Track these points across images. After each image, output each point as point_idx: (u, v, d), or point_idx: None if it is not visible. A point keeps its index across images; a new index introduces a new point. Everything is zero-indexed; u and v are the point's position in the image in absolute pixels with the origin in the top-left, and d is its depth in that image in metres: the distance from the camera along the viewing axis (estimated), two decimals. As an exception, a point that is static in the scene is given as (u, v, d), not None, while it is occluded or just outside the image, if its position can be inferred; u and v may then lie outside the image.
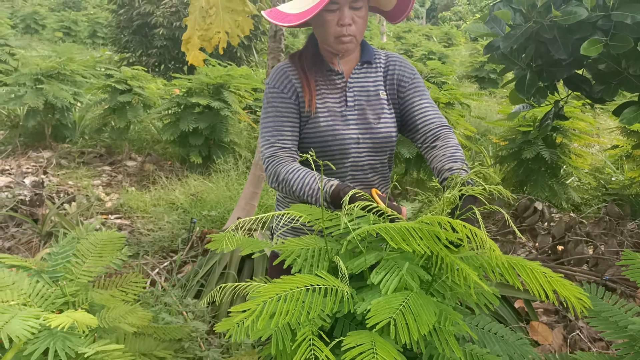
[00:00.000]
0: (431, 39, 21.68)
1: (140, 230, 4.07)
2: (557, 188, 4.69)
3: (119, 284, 1.75)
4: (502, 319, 2.95)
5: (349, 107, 1.67)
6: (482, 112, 8.89)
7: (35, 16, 18.16)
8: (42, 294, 1.52)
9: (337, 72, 1.69)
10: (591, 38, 2.11)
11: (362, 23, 1.61)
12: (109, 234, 1.75)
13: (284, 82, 1.67)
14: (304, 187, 1.55)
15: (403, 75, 1.72)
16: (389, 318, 1.07)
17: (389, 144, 1.71)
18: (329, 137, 1.64)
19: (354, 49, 1.66)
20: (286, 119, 1.66)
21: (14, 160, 5.69)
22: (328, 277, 1.24)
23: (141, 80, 5.79)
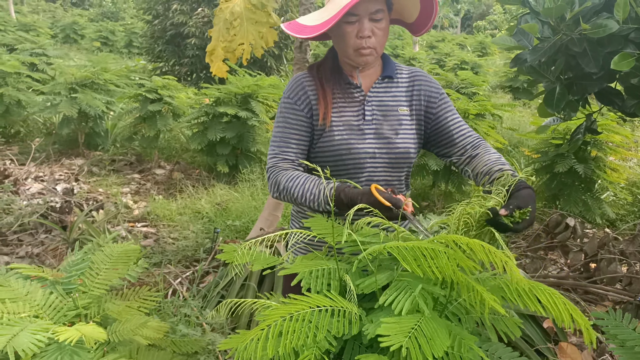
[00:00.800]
0: (465, 48, 21.46)
1: (165, 239, 4.10)
2: (591, 203, 4.54)
3: (133, 297, 1.75)
4: (530, 339, 2.85)
5: (367, 121, 1.64)
6: (515, 124, 8.71)
7: (75, 26, 18.72)
8: (55, 305, 1.52)
9: (356, 86, 1.65)
10: (623, 52, 2.03)
11: (383, 35, 1.57)
12: (124, 246, 1.75)
13: (298, 94, 1.65)
14: (304, 193, 1.52)
15: (431, 92, 1.69)
16: (400, 343, 1.03)
17: (407, 160, 1.67)
18: (344, 150, 1.61)
19: (373, 62, 1.63)
20: (294, 131, 1.64)
21: (48, 167, 5.82)
22: (336, 297, 1.20)
23: (171, 90, 5.87)
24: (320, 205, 1.51)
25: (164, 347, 1.96)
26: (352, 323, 1.16)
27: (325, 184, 1.50)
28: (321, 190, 1.50)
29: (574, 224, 3.68)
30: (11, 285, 1.50)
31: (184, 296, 3.16)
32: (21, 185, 5.02)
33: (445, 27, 43.42)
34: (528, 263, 3.76)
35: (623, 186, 5.30)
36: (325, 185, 1.49)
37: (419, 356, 1.01)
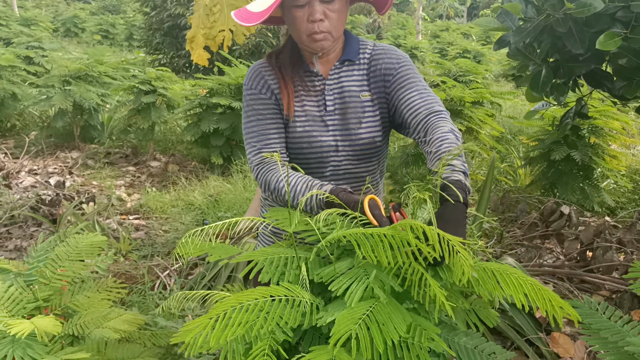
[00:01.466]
0: (470, 37, 21.28)
1: (156, 231, 4.06)
2: (589, 191, 4.45)
3: (98, 289, 1.70)
4: (520, 328, 2.80)
5: (329, 112, 1.54)
6: (517, 112, 8.61)
7: (75, 20, 18.69)
8: (14, 298, 1.48)
9: (316, 74, 1.55)
10: (608, 31, 1.95)
11: (337, 17, 1.46)
12: (90, 237, 1.70)
13: (260, 83, 1.56)
14: (296, 195, 1.43)
15: (387, 69, 1.55)
16: (349, 331, 0.98)
17: (372, 150, 1.57)
18: (305, 143, 1.53)
19: (330, 47, 1.51)
20: (270, 121, 1.54)
21: (42, 160, 5.79)
22: (291, 287, 1.15)
23: (165, 81, 5.81)
24: (313, 209, 1.42)
25: (139, 340, 1.92)
26: (307, 313, 1.11)
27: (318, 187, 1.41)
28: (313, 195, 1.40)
29: (568, 211, 3.61)
30: (-34, 278, 1.46)
31: (171, 289, 3.12)
32: (14, 179, 5.00)
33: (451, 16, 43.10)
34: (523, 252, 3.70)
35: (624, 174, 5.21)
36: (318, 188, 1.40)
37: (367, 344, 0.96)
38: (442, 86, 4.76)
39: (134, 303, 2.77)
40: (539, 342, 2.74)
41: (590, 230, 3.54)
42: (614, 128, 4.54)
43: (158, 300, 2.86)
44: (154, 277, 3.28)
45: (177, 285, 3.08)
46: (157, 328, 2.30)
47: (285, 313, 1.08)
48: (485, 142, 4.89)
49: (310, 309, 1.11)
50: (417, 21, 20.14)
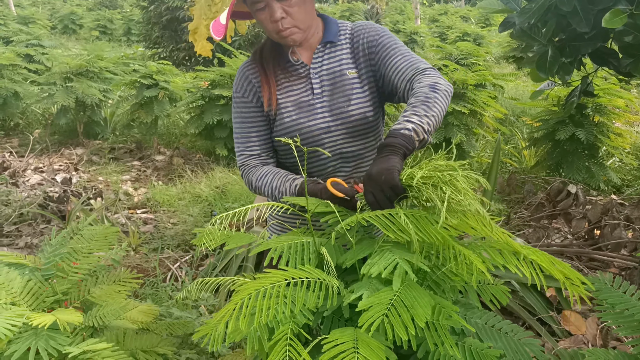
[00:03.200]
0: (468, 20, 21.14)
1: (165, 224, 4.08)
2: (595, 169, 4.45)
3: (114, 281, 1.72)
4: (532, 307, 2.82)
5: (316, 95, 1.56)
6: (518, 93, 8.58)
7: (73, 16, 18.63)
8: (34, 292, 1.50)
9: (297, 61, 1.57)
10: (614, 8, 1.94)
11: (299, 10, 1.47)
12: (102, 229, 1.72)
13: (244, 86, 1.60)
14: (273, 191, 1.50)
15: (369, 41, 1.57)
16: (382, 316, 0.99)
17: (366, 125, 1.57)
18: (294, 132, 1.55)
19: (303, 38, 1.53)
20: (251, 124, 1.59)
21: (47, 157, 5.81)
22: (312, 270, 1.16)
23: (166, 75, 5.81)
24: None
25: (157, 330, 1.94)
26: (330, 296, 1.12)
27: (290, 182, 1.47)
28: (287, 188, 1.47)
29: (575, 191, 3.62)
30: (-14, 273, 1.48)
31: (182, 280, 3.14)
32: (20, 177, 5.02)
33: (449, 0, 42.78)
34: (531, 232, 3.71)
35: (629, 151, 5.20)
36: (291, 183, 1.47)
37: (400, 327, 0.97)
38: (444, 70, 4.75)
39: (147, 295, 2.80)
40: (550, 320, 2.75)
41: (598, 208, 3.55)
42: (617, 106, 4.53)
43: (171, 292, 2.89)
44: (165, 269, 3.30)
45: (189, 277, 3.10)
46: (173, 319, 2.33)
47: (307, 296, 1.09)
48: (489, 124, 4.89)
49: (333, 291, 1.12)
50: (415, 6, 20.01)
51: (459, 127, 4.56)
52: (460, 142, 4.55)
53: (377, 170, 1.17)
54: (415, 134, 1.25)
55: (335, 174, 1.62)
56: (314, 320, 1.16)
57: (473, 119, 4.69)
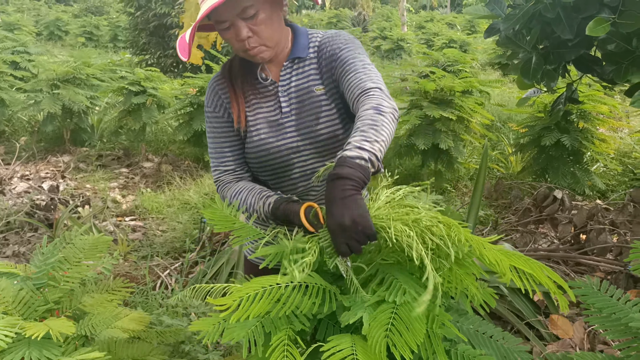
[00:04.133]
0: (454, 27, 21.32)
1: (154, 232, 4.07)
2: (580, 175, 4.52)
3: (106, 289, 1.72)
4: (520, 312, 2.85)
5: (285, 114, 1.51)
6: (504, 100, 8.67)
7: (58, 23, 18.51)
8: (25, 301, 1.49)
9: (267, 79, 1.53)
10: (597, 17, 1.99)
11: (265, 28, 1.41)
12: (95, 238, 1.71)
13: (214, 101, 1.55)
14: (248, 209, 1.45)
15: (331, 55, 1.49)
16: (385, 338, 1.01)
17: (336, 144, 1.51)
18: (263, 152, 1.51)
19: (272, 55, 1.48)
20: (224, 139, 1.55)
21: (34, 165, 5.77)
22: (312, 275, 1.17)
23: (155, 81, 5.80)
24: (265, 221, 1.44)
25: (148, 339, 1.93)
26: (326, 301, 1.13)
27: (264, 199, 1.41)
28: (260, 207, 1.41)
29: (561, 196, 3.67)
30: (-23, 283, 1.48)
31: (172, 288, 3.14)
32: (6, 185, 4.97)
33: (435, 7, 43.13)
34: (518, 237, 3.75)
35: (613, 157, 5.29)
36: (264, 201, 1.40)
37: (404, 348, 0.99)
38: (431, 77, 4.79)
39: (138, 303, 2.79)
40: (538, 324, 2.79)
41: (583, 213, 3.60)
42: (601, 112, 4.61)
43: (161, 300, 2.88)
44: (154, 277, 3.29)
45: (179, 284, 3.10)
46: (163, 326, 2.32)
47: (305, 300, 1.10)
48: (476, 130, 4.94)
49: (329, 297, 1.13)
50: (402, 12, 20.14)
51: (446, 133, 4.61)
52: (448, 148, 4.59)
53: (350, 219, 1.07)
54: (371, 165, 1.17)
55: (307, 193, 1.59)
56: (310, 326, 1.17)
57: (460, 125, 4.74)
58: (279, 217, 1.36)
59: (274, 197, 1.40)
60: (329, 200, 1.11)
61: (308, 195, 1.60)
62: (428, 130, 4.62)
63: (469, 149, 5.75)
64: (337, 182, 1.11)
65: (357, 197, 1.10)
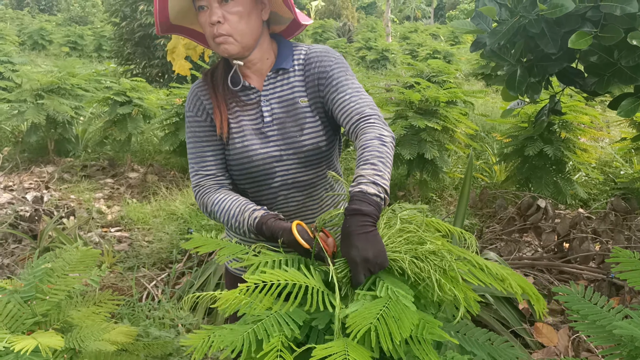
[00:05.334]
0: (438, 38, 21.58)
1: (140, 242, 4.05)
2: (562, 184, 4.59)
3: (94, 302, 1.71)
4: (505, 320, 2.88)
5: (267, 123, 1.52)
6: (487, 110, 8.78)
7: (42, 32, 18.38)
8: (13, 314, 1.48)
9: (250, 87, 1.54)
10: (579, 30, 2.04)
11: (238, 20, 1.43)
12: (83, 251, 1.71)
13: (196, 105, 1.56)
14: (230, 219, 1.44)
15: (320, 72, 1.52)
16: (369, 324, 1.03)
17: (319, 155, 1.54)
18: (246, 159, 1.51)
19: (238, 51, 1.48)
20: (206, 143, 1.55)
21: (17, 176, 5.71)
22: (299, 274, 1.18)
23: (140, 92, 5.78)
24: (246, 234, 1.44)
25: (135, 351, 1.92)
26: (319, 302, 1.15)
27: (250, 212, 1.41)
28: (245, 219, 1.41)
29: (545, 205, 3.72)
30: (-36, 297, 1.46)
31: (159, 299, 3.12)
32: (-11, 196, 4.91)
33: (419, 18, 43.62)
34: (503, 246, 3.79)
35: (594, 166, 5.37)
36: (250, 214, 1.40)
37: (387, 337, 1.01)
38: (416, 87, 4.84)
39: (124, 315, 2.77)
40: (523, 332, 2.82)
41: (566, 222, 3.66)
42: (583, 122, 4.69)
43: (147, 311, 2.86)
44: (141, 288, 3.27)
45: (166, 296, 3.08)
46: (151, 339, 2.31)
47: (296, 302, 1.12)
48: (461, 140, 5.00)
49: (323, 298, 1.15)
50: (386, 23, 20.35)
51: (432, 143, 4.65)
52: (433, 157, 4.63)
53: (373, 254, 1.14)
54: (384, 202, 1.23)
55: (286, 202, 1.60)
56: (301, 333, 1.18)
57: (445, 135, 4.79)
58: (263, 232, 1.37)
59: (261, 212, 1.40)
60: (349, 233, 1.16)
61: (288, 205, 1.60)
62: (413, 140, 4.66)
63: (453, 159, 5.81)
64: (358, 217, 1.17)
65: (376, 233, 1.17)
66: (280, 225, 1.34)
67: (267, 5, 1.52)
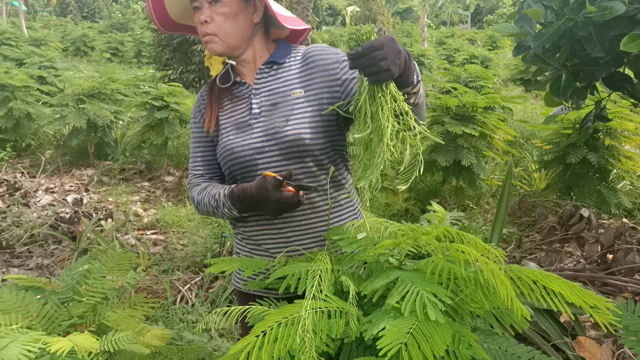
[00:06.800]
0: (475, 43, 21.30)
1: (175, 246, 4.08)
2: (606, 193, 4.42)
3: (129, 304, 1.71)
4: (546, 333, 2.78)
5: (254, 115, 1.53)
6: (527, 116, 8.59)
7: (85, 39, 18.92)
8: (50, 316, 1.49)
9: (242, 83, 1.58)
10: (631, 33, 1.95)
11: (224, 20, 1.47)
12: (121, 254, 1.71)
13: (196, 108, 1.66)
14: (210, 202, 1.53)
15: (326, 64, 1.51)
16: (400, 344, 0.98)
17: (301, 147, 1.48)
18: (228, 151, 1.53)
19: (223, 50, 1.52)
20: (197, 144, 1.65)
21: (58, 178, 5.84)
22: (331, 298, 1.16)
23: (177, 96, 5.86)
24: (227, 212, 1.50)
25: (169, 355, 1.92)
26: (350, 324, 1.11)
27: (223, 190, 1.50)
28: (220, 193, 1.50)
29: (588, 214, 3.59)
30: (3, 297, 1.48)
31: (192, 303, 3.13)
32: (31, 198, 5.04)
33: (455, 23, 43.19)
34: (543, 256, 3.67)
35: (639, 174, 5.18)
36: (224, 189, 1.50)
37: (418, 356, 0.97)
38: (453, 92, 4.76)
39: (159, 318, 2.78)
40: (565, 347, 2.71)
41: (610, 232, 3.52)
42: (627, 129, 4.52)
43: (181, 314, 2.87)
44: (175, 291, 3.29)
45: (200, 299, 3.08)
46: (184, 342, 2.31)
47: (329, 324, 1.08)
48: (498, 146, 4.88)
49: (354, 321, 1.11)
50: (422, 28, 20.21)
51: (468, 149, 4.56)
52: (470, 164, 4.54)
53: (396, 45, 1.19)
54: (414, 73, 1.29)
55: None
56: (334, 347, 1.15)
57: (483, 141, 4.69)
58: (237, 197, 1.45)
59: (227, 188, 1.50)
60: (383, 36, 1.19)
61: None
62: (450, 146, 4.58)
63: (491, 166, 5.68)
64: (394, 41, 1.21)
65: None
66: (242, 185, 1.45)
67: (259, 9, 1.55)
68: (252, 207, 1.44)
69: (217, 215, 1.56)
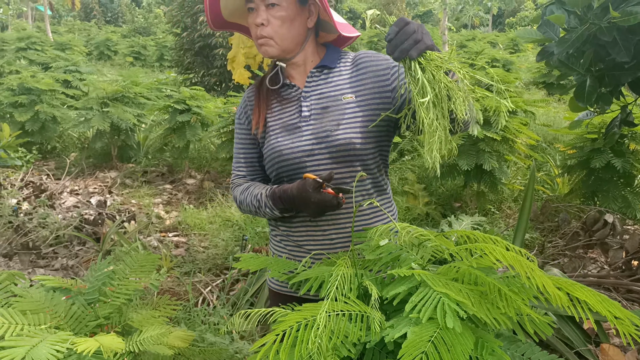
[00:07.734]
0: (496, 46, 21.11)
1: (196, 248, 4.12)
2: (631, 198, 4.35)
3: (154, 306, 1.74)
4: (569, 340, 2.75)
5: (304, 117, 1.54)
6: (549, 120, 8.49)
7: (108, 43, 19.23)
8: (77, 316, 1.52)
9: (291, 85, 1.59)
10: (657, 36, 1.93)
11: (280, 24, 1.49)
12: (144, 255, 1.74)
13: (241, 109, 1.67)
14: (252, 202, 1.55)
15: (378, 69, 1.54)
16: (421, 354, 0.99)
17: (351, 152, 1.50)
18: (276, 153, 1.54)
19: (277, 54, 1.53)
20: (241, 146, 1.67)
21: (83, 180, 5.95)
22: (355, 301, 1.16)
23: (199, 100, 5.92)
24: (269, 212, 1.53)
25: (191, 356, 1.95)
26: (372, 328, 1.12)
27: (265, 190, 1.52)
28: (262, 193, 1.52)
29: (612, 220, 3.54)
30: (32, 297, 1.52)
31: (214, 305, 3.16)
32: (57, 200, 5.14)
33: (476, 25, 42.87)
34: (566, 262, 3.63)
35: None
36: (266, 189, 1.52)
37: None
38: (474, 95, 4.73)
39: (181, 319, 2.82)
40: (588, 354, 2.68)
41: (636, 238, 3.47)
42: (653, 134, 4.45)
43: (203, 316, 2.90)
44: (196, 293, 3.32)
45: (221, 301, 3.11)
46: (206, 344, 2.33)
47: (350, 328, 1.09)
48: (521, 150, 4.84)
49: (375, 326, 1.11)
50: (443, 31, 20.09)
51: (490, 153, 4.52)
52: (492, 168, 4.50)
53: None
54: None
55: None
56: (356, 353, 1.16)
57: (505, 145, 4.65)
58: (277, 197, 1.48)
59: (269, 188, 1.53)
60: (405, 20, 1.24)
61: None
62: (471, 150, 4.55)
63: (513, 170, 5.63)
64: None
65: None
66: (285, 186, 1.48)
67: (314, 14, 1.56)
68: (293, 208, 1.47)
69: (259, 215, 1.58)
